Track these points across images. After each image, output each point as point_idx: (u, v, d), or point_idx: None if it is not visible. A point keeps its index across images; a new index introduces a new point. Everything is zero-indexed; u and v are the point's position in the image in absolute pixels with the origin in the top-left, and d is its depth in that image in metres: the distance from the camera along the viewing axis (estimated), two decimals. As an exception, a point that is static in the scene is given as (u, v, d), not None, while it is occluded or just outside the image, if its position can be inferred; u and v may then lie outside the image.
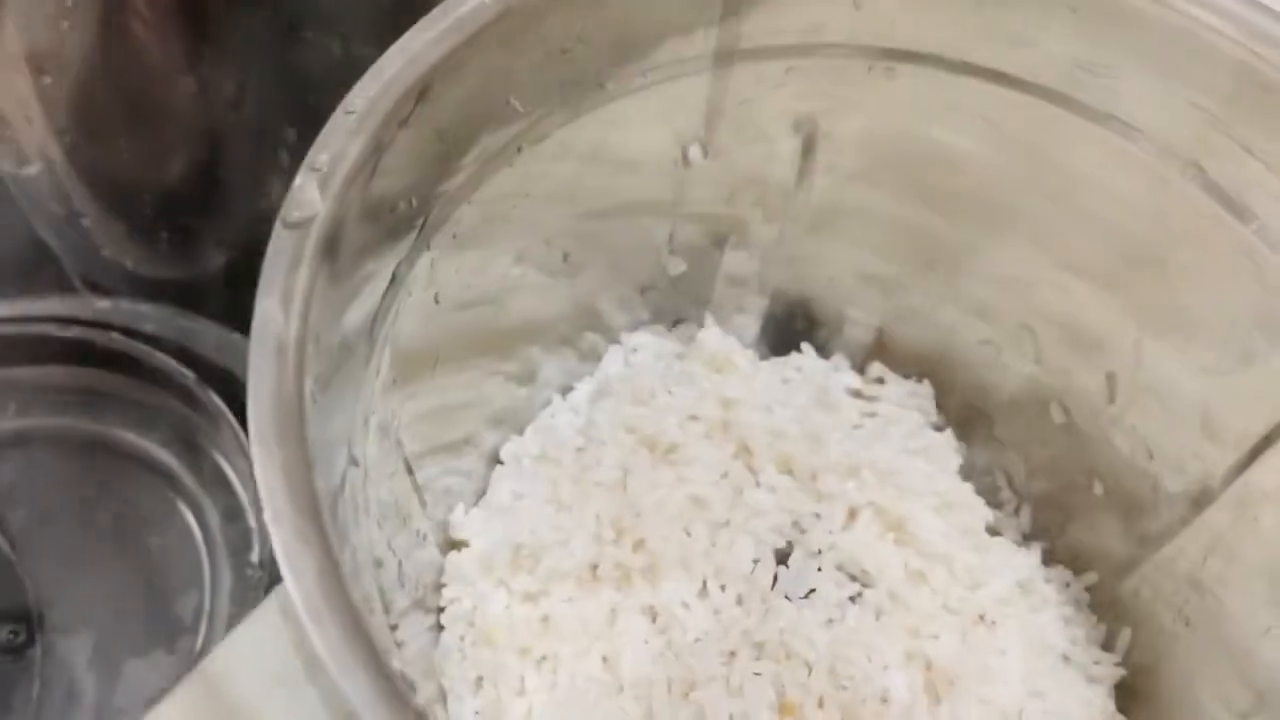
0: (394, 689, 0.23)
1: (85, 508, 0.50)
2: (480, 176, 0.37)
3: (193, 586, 0.48)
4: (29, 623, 0.47)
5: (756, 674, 0.39)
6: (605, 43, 0.38)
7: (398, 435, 0.37)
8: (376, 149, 0.31)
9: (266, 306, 0.28)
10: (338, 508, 0.29)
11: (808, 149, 0.43)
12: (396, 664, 0.25)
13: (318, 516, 0.25)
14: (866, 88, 0.41)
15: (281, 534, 0.25)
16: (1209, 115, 0.36)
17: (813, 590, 0.42)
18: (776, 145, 0.43)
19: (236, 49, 0.47)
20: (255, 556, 0.49)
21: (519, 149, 0.38)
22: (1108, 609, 0.45)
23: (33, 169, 0.52)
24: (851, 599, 0.41)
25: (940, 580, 0.42)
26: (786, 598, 0.41)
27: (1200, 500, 0.41)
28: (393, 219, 0.33)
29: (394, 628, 0.36)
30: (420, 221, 0.35)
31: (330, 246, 0.29)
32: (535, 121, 0.38)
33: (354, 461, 0.32)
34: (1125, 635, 0.44)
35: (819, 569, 0.42)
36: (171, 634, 0.47)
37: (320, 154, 0.30)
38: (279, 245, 0.29)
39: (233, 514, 0.50)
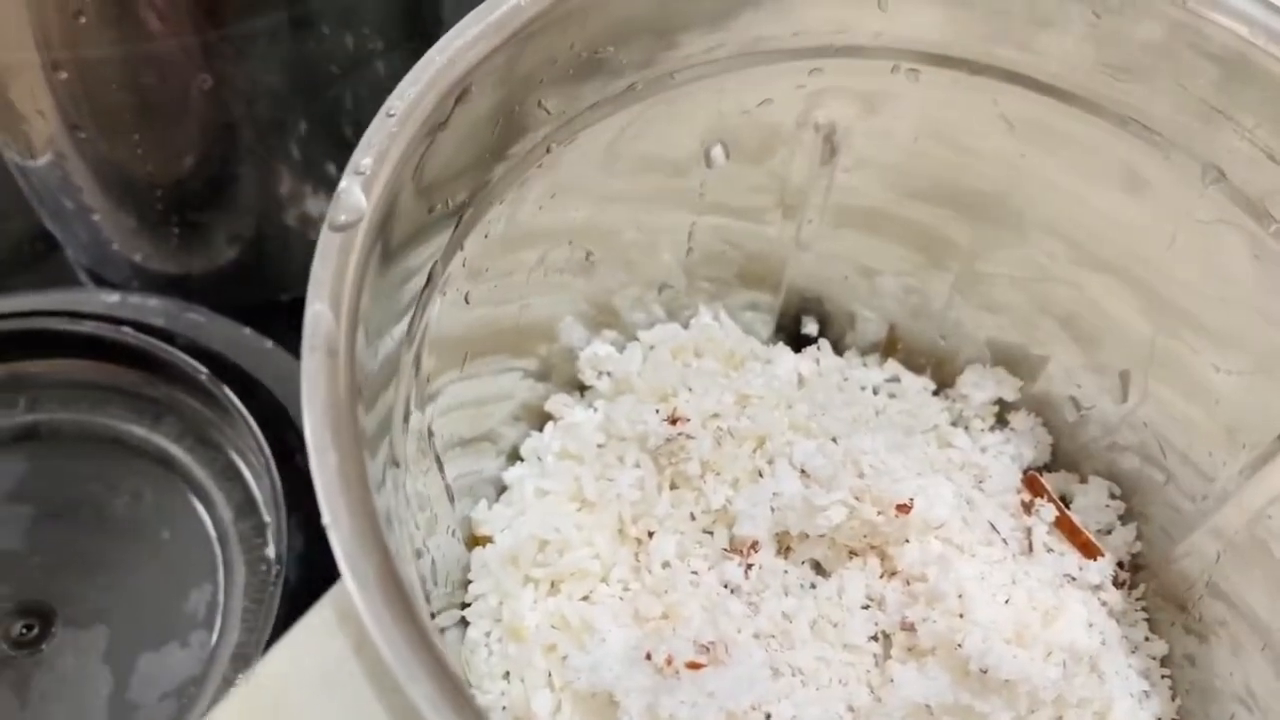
0: (460, 693, 0.24)
1: (97, 502, 0.50)
2: (511, 177, 0.37)
3: (206, 581, 0.48)
4: (43, 617, 0.47)
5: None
6: (634, 44, 0.38)
7: (431, 431, 0.37)
8: (418, 151, 0.31)
9: (317, 310, 0.28)
10: (385, 506, 0.29)
11: (829, 149, 0.43)
12: (455, 667, 0.25)
13: (375, 520, 0.26)
14: (890, 89, 0.41)
15: (342, 539, 0.25)
16: (1231, 120, 0.37)
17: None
18: (798, 145, 0.43)
19: (250, 44, 0.47)
20: (270, 551, 0.49)
21: (548, 149, 0.38)
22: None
23: (41, 161, 0.51)
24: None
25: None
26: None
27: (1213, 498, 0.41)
28: (431, 219, 0.33)
29: (433, 615, 0.36)
30: (455, 221, 0.35)
31: (376, 249, 0.30)
32: (564, 123, 0.38)
33: (394, 461, 0.32)
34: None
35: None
36: (185, 628, 0.47)
37: (364, 157, 0.30)
38: (326, 248, 0.29)
39: (246, 509, 0.50)
